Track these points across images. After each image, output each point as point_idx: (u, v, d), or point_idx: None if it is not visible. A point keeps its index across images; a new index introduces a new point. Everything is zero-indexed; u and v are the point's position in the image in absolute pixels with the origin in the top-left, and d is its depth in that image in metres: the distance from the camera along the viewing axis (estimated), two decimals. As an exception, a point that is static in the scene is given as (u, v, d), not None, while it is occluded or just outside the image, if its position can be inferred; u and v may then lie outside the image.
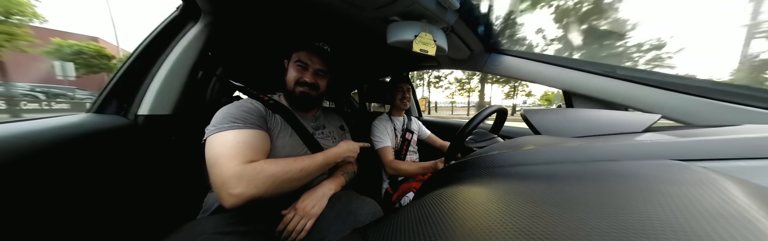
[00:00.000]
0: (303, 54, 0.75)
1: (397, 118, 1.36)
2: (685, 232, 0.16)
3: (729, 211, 0.17)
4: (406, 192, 1.10)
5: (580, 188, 0.25)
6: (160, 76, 0.77)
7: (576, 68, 0.81)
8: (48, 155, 0.48)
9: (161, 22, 0.82)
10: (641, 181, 0.24)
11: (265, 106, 0.73)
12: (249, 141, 0.57)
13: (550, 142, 0.43)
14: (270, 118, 0.71)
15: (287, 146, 0.70)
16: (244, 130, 0.59)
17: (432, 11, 0.70)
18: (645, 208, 0.19)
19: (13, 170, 0.42)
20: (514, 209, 0.23)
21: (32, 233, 0.46)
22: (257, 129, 0.61)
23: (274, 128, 0.70)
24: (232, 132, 0.57)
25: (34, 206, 0.46)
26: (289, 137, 0.71)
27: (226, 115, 0.62)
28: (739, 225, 0.15)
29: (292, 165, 0.58)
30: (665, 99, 0.64)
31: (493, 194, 0.29)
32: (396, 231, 0.28)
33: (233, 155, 0.53)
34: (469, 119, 0.81)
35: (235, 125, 0.59)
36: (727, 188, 0.19)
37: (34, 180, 0.45)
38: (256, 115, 0.66)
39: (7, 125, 0.48)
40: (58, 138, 0.51)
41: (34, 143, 0.46)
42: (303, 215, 0.62)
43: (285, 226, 0.61)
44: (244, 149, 0.55)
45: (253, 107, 0.68)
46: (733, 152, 0.27)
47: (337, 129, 0.93)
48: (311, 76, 0.76)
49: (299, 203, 0.64)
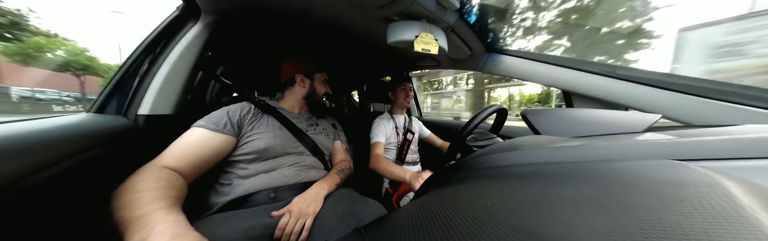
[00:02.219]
0: (324, 75, 0.97)
1: (399, 116, 1.36)
2: (685, 232, 0.16)
3: (729, 211, 0.17)
4: (407, 192, 1.10)
5: (581, 188, 0.25)
6: (160, 76, 0.77)
7: (576, 68, 0.81)
8: (48, 155, 0.48)
9: (161, 22, 0.82)
10: (641, 181, 0.24)
11: (257, 107, 0.83)
12: (199, 144, 0.65)
13: (550, 142, 0.43)
14: (256, 118, 0.80)
15: (279, 138, 0.79)
16: (210, 132, 0.68)
17: (432, 11, 0.70)
18: (645, 208, 0.19)
19: (13, 170, 0.42)
20: (514, 209, 0.24)
21: (32, 233, 0.46)
22: (223, 134, 0.69)
23: (261, 125, 0.78)
24: (199, 131, 0.67)
25: (34, 206, 0.46)
26: (279, 131, 0.81)
27: (214, 114, 0.74)
28: (740, 225, 0.15)
29: (134, 196, 0.48)
30: (665, 99, 0.64)
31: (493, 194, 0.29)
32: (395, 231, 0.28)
33: (169, 154, 0.62)
34: (470, 119, 0.81)
35: (208, 126, 0.68)
36: (727, 188, 0.20)
37: (34, 180, 0.45)
38: (235, 119, 0.74)
39: (7, 125, 0.48)
40: (59, 138, 0.51)
41: (35, 143, 0.46)
42: (299, 216, 0.61)
43: (282, 231, 0.59)
44: (182, 151, 0.63)
45: (239, 111, 0.77)
46: (733, 152, 0.27)
47: (330, 126, 1.04)
48: (328, 88, 0.98)
49: (292, 206, 0.63)
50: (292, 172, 0.76)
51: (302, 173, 0.78)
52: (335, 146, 1.00)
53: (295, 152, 0.82)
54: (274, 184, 0.72)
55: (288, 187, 0.73)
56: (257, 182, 0.71)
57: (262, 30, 1.06)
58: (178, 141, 0.65)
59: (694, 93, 0.61)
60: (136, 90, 0.76)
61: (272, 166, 0.75)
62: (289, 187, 0.73)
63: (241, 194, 0.68)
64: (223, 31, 0.93)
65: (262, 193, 0.69)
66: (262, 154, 0.74)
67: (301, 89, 0.93)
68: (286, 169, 0.76)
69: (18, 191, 0.42)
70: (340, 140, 1.04)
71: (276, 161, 0.76)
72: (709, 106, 0.58)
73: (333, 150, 0.99)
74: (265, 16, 0.92)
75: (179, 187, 0.55)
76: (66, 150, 0.52)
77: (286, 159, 0.78)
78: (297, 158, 0.80)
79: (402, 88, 1.34)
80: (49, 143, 0.49)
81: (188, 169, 0.62)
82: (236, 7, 0.84)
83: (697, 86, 0.62)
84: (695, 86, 0.63)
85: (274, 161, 0.76)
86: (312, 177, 0.79)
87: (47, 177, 0.47)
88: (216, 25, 0.86)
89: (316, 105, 0.97)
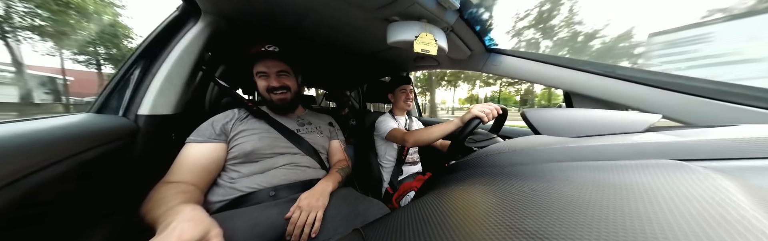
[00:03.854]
0: (258, 65, 0.82)
1: (399, 117, 1.36)
2: (684, 232, 0.16)
3: (728, 211, 0.17)
4: (407, 192, 1.10)
5: (580, 189, 0.25)
6: (160, 76, 0.77)
7: (576, 68, 0.81)
8: (48, 155, 0.48)
9: (161, 22, 0.82)
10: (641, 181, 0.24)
11: (247, 112, 0.84)
12: (195, 156, 0.69)
13: (550, 142, 0.43)
14: (242, 122, 0.81)
15: (266, 139, 0.79)
16: (200, 144, 0.71)
17: (432, 11, 0.69)
18: (645, 208, 0.19)
19: (14, 170, 0.42)
20: (514, 209, 0.24)
21: (33, 233, 0.46)
22: (213, 142, 0.73)
23: (247, 129, 0.79)
24: (191, 145, 0.71)
25: (34, 206, 0.46)
26: (266, 133, 0.81)
27: (201, 127, 0.76)
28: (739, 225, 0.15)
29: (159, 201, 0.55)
30: (665, 99, 0.64)
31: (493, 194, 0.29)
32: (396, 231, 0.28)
33: (175, 172, 0.65)
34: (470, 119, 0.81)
35: (197, 139, 0.72)
36: (727, 188, 0.20)
37: (35, 180, 0.45)
38: (218, 127, 0.76)
39: (7, 125, 0.48)
40: (59, 138, 0.51)
41: (35, 143, 0.46)
42: (309, 209, 0.62)
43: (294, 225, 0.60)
44: (184, 166, 0.67)
45: (223, 119, 0.79)
46: (733, 152, 0.27)
47: (325, 125, 1.01)
48: (276, 80, 0.82)
49: (301, 201, 0.65)
50: (288, 172, 0.77)
51: (300, 173, 0.78)
52: (333, 146, 0.99)
53: (288, 152, 0.81)
54: (273, 183, 0.72)
55: (287, 185, 0.73)
56: (256, 182, 0.71)
57: (262, 30, 1.06)
58: (178, 159, 0.68)
59: (694, 93, 0.61)
60: (136, 90, 0.76)
61: (265, 166, 0.75)
62: (288, 185, 0.74)
63: (241, 193, 0.69)
64: (223, 31, 0.93)
65: (263, 192, 0.70)
66: (249, 156, 0.74)
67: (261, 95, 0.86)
68: (281, 169, 0.76)
69: (18, 191, 0.42)
70: (337, 140, 1.02)
71: (268, 162, 0.76)
72: (709, 106, 0.58)
73: (331, 150, 0.98)
74: (265, 16, 0.92)
75: (198, 196, 0.61)
76: (66, 150, 0.52)
77: (279, 159, 0.78)
78: (291, 158, 0.80)
79: (402, 91, 1.31)
80: (50, 142, 0.49)
81: (196, 180, 0.66)
82: (236, 8, 0.84)
83: (697, 86, 0.62)
84: (695, 86, 0.63)
85: (266, 162, 0.76)
86: (309, 175, 0.79)
87: (47, 177, 0.47)
88: (216, 25, 0.86)
89: (275, 106, 0.86)
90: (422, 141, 0.97)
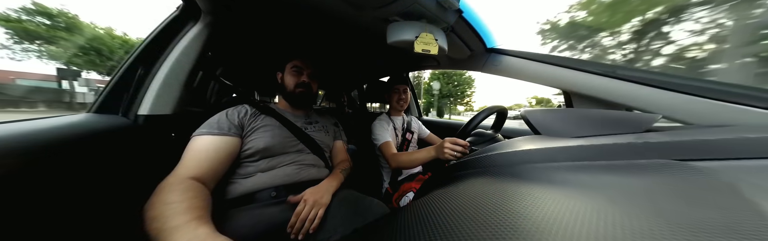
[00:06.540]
0: (297, 62, 0.90)
1: (397, 117, 1.36)
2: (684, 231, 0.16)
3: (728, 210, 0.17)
4: (406, 192, 1.10)
5: (580, 189, 0.25)
6: (160, 76, 0.77)
7: (576, 68, 0.81)
8: (48, 155, 0.48)
9: (161, 22, 0.82)
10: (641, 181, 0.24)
11: (255, 108, 0.84)
12: (210, 149, 0.66)
13: (550, 142, 0.43)
14: (255, 118, 0.81)
15: (277, 137, 0.80)
16: (217, 137, 0.69)
17: (432, 11, 0.69)
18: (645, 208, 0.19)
19: (13, 170, 0.42)
20: (514, 209, 0.23)
21: (33, 233, 0.46)
22: (229, 136, 0.71)
23: (260, 124, 0.79)
24: (204, 138, 0.68)
25: (34, 206, 0.46)
26: (278, 130, 0.82)
27: (213, 120, 0.74)
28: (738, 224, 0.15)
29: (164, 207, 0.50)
30: (665, 99, 0.64)
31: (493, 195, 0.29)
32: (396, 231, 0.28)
33: (186, 164, 0.62)
34: (470, 119, 0.81)
35: (212, 131, 0.70)
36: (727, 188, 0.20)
37: (35, 180, 0.45)
38: (236, 121, 0.76)
39: (7, 125, 0.48)
40: (58, 138, 0.51)
41: (34, 143, 0.46)
42: (314, 205, 0.64)
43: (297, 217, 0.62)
44: (197, 159, 0.63)
45: (237, 113, 0.79)
46: (733, 152, 0.27)
47: (331, 125, 1.04)
48: (307, 78, 0.90)
49: (307, 195, 0.66)
50: (293, 170, 0.77)
51: (303, 172, 0.78)
52: (336, 146, 1.01)
53: (294, 150, 0.82)
54: (274, 183, 0.72)
55: (288, 185, 0.74)
56: (258, 181, 0.71)
57: (262, 30, 1.06)
58: (189, 151, 0.65)
59: (694, 93, 0.61)
60: (136, 90, 0.76)
61: (272, 164, 0.76)
62: (289, 185, 0.74)
63: (242, 193, 0.69)
64: (223, 32, 0.93)
65: (264, 192, 0.70)
66: (262, 153, 0.75)
67: (281, 86, 0.92)
68: (285, 167, 0.77)
69: (18, 191, 0.42)
70: (341, 140, 1.04)
71: (275, 160, 0.77)
72: (709, 106, 0.58)
73: (334, 150, 0.99)
74: (265, 16, 0.93)
75: (206, 197, 0.58)
76: (66, 150, 0.52)
77: (285, 157, 0.79)
78: (296, 156, 0.81)
79: (395, 92, 1.33)
80: (49, 143, 0.49)
81: (208, 175, 0.63)
82: (236, 8, 0.84)
83: (697, 86, 0.62)
84: (695, 86, 0.62)
85: (273, 160, 0.77)
86: (312, 175, 0.80)
87: (47, 177, 0.47)
88: (216, 25, 0.86)
89: (294, 99, 0.91)
90: (404, 166, 1.02)
